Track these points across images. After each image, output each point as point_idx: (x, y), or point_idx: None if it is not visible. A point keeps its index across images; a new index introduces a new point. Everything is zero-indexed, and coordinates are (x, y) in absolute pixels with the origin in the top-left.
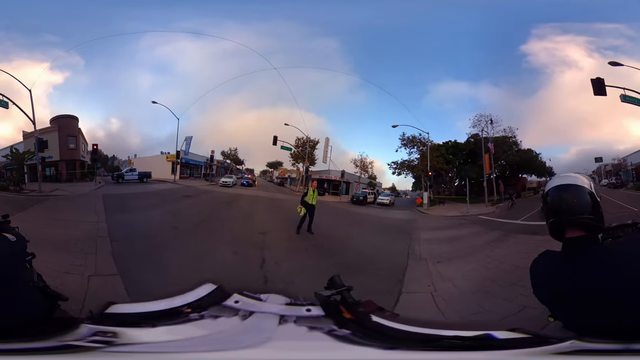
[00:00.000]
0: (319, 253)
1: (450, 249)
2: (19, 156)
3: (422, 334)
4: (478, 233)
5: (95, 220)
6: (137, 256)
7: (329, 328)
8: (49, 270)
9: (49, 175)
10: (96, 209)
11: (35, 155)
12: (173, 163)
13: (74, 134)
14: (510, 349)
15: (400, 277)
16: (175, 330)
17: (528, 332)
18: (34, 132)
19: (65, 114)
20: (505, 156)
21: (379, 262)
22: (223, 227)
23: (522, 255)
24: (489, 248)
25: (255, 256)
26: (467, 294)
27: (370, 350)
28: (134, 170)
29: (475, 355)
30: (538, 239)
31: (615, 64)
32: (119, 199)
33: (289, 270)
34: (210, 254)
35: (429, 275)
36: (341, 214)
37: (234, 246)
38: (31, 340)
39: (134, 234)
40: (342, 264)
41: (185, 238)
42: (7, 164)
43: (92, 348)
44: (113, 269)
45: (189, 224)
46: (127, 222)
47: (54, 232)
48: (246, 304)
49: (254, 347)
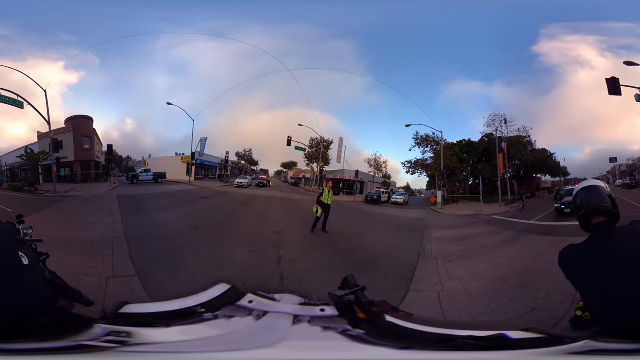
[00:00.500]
0: (333, 251)
1: (461, 248)
2: (33, 156)
3: (436, 334)
4: (490, 233)
5: (111, 221)
6: (155, 257)
7: (343, 328)
8: (67, 272)
9: (63, 175)
10: (112, 210)
11: (50, 156)
12: (188, 164)
13: (89, 135)
14: (524, 349)
15: (410, 276)
16: (189, 330)
17: (542, 332)
18: (49, 132)
19: (80, 115)
20: (519, 156)
21: (389, 260)
22: (240, 227)
23: (534, 256)
24: (500, 248)
25: (271, 254)
26: (475, 294)
27: (384, 351)
28: (148, 171)
29: (489, 356)
30: (550, 239)
31: (631, 63)
32: (134, 200)
33: (305, 267)
34: (228, 253)
35: (437, 274)
36: (355, 212)
37: (250, 245)
38: (45, 340)
39: (151, 235)
40: (354, 260)
41: (204, 238)
42: (22, 164)
43: (106, 348)
44: (130, 271)
45: (207, 224)
46: (144, 223)
47: (70, 234)
48: (260, 304)
49: (268, 347)
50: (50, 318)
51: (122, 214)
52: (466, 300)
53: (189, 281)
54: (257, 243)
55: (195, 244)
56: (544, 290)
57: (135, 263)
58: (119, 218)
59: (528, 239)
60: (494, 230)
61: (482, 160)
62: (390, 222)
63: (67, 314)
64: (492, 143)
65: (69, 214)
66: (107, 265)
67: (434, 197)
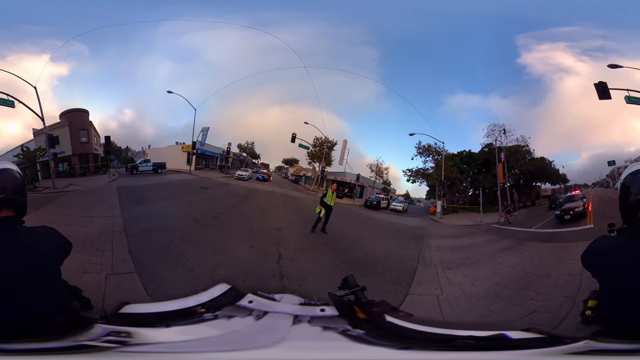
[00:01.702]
0: (333, 251)
1: (460, 256)
2: (30, 154)
3: (436, 334)
4: (490, 241)
5: (110, 214)
6: (155, 252)
7: (342, 328)
8: (66, 270)
9: (62, 170)
10: (111, 203)
11: (46, 152)
12: (188, 153)
13: (85, 127)
14: (524, 349)
15: (409, 280)
16: (189, 330)
17: (542, 332)
18: (43, 128)
19: (75, 108)
20: (518, 165)
21: (388, 264)
22: (240, 221)
23: (534, 262)
24: (500, 255)
25: (272, 252)
26: (475, 298)
27: (384, 351)
28: (148, 161)
29: (489, 355)
30: (551, 246)
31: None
32: (134, 191)
33: (304, 267)
34: (229, 249)
35: (437, 280)
36: (354, 216)
37: (251, 241)
38: (46, 340)
39: (150, 228)
40: (353, 262)
41: (204, 232)
42: (19, 163)
43: (106, 348)
44: (130, 267)
45: (208, 216)
46: (144, 216)
47: (69, 230)
48: (260, 304)
49: (268, 347)
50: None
51: (122, 207)
52: (466, 304)
53: (190, 278)
54: (257, 239)
55: (196, 237)
56: (545, 293)
57: (135, 259)
58: (118, 211)
59: (528, 246)
60: (493, 239)
61: (482, 171)
62: (390, 228)
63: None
64: (491, 153)
65: (68, 209)
66: (107, 261)
67: (433, 207)
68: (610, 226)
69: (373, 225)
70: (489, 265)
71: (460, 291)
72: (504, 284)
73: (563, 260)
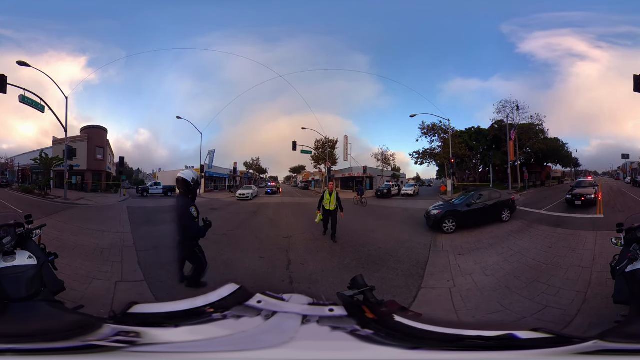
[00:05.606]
0: (344, 250)
1: (471, 239)
2: (47, 161)
3: (444, 334)
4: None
5: (120, 231)
6: (164, 265)
7: (351, 328)
8: (76, 275)
9: (74, 183)
10: (121, 221)
11: (63, 162)
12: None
13: (102, 145)
14: (533, 349)
15: (421, 272)
16: (197, 330)
17: (551, 332)
18: (65, 139)
19: (96, 125)
20: (530, 143)
21: (400, 256)
22: (249, 235)
23: (545, 249)
24: (511, 239)
25: (281, 259)
26: (487, 291)
27: (393, 351)
28: (158, 184)
29: (498, 356)
30: (560, 232)
31: None
32: (144, 212)
33: (314, 269)
34: (238, 260)
35: (449, 270)
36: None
37: (260, 252)
38: (54, 340)
39: (160, 244)
40: (364, 258)
41: (213, 247)
42: (34, 167)
43: (115, 348)
44: (139, 276)
45: (216, 234)
46: (153, 234)
47: (79, 240)
48: (269, 304)
49: (276, 347)
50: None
51: (132, 225)
52: (478, 297)
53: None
54: (266, 249)
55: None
56: (556, 286)
57: (144, 269)
58: (128, 228)
59: (538, 230)
60: None
61: (492, 147)
62: (400, 215)
63: (76, 313)
64: (502, 130)
65: (78, 221)
66: (116, 270)
67: (444, 186)
68: (619, 226)
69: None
70: (500, 251)
71: (472, 282)
72: (514, 274)
73: (573, 249)
